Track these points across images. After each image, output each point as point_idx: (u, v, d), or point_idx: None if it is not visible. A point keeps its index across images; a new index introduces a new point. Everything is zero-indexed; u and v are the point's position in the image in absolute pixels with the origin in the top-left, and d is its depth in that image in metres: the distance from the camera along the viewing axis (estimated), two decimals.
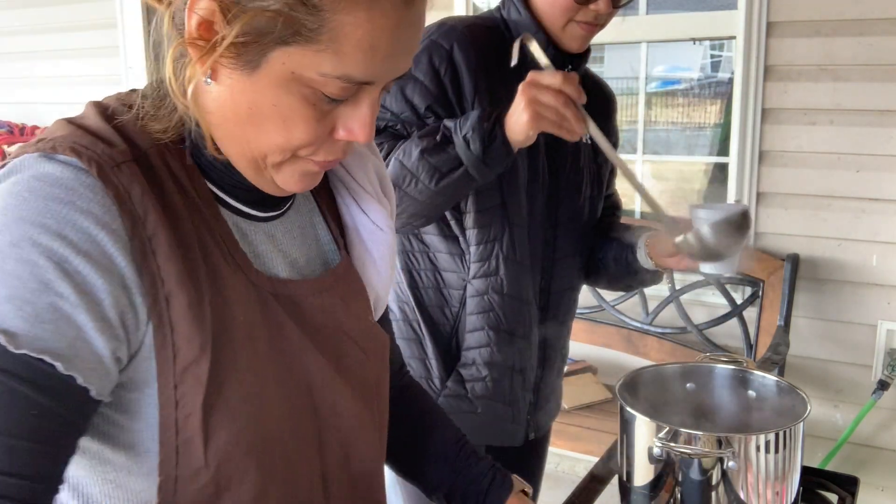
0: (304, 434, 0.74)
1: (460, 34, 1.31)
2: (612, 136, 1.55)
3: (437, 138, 1.21)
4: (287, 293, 0.72)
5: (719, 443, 1.01)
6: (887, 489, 2.60)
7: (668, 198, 3.28)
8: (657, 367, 1.22)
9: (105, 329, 0.59)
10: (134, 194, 0.61)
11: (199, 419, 0.63)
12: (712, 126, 3.11)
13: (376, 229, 0.84)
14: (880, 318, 2.53)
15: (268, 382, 0.69)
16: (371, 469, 0.83)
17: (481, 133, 1.18)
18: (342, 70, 0.61)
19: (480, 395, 1.42)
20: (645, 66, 2.88)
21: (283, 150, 0.66)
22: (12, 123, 3.99)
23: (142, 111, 0.67)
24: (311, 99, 0.63)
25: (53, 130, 0.64)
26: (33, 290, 0.56)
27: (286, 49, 0.60)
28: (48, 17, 3.86)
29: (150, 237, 0.61)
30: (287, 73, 0.61)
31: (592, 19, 1.30)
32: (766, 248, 2.65)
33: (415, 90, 1.29)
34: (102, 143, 0.62)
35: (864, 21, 2.38)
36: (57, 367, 0.56)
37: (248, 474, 0.67)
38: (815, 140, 2.52)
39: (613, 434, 1.16)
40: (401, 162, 1.22)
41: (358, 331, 0.80)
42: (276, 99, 0.63)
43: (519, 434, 1.50)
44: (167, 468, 0.64)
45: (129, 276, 0.60)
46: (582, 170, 1.46)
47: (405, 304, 1.43)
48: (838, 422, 2.63)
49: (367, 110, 0.66)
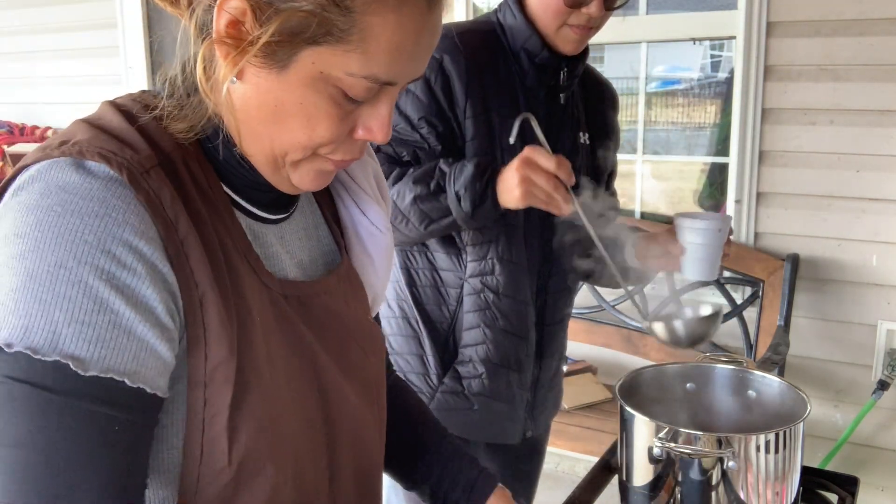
0: (314, 431, 0.75)
1: (451, 43, 1.33)
2: (612, 134, 1.55)
3: (431, 187, 1.26)
4: (296, 294, 0.73)
5: (719, 443, 1.01)
6: (887, 489, 2.60)
7: (667, 198, 3.28)
8: (657, 367, 1.22)
9: (164, 334, 0.60)
10: (164, 200, 0.61)
11: (225, 418, 0.64)
12: (712, 126, 3.11)
13: (375, 230, 0.85)
14: (880, 318, 2.53)
15: (282, 382, 0.70)
16: (371, 464, 0.84)
17: (473, 193, 1.24)
18: (369, 70, 0.63)
19: (477, 393, 1.43)
20: (645, 66, 2.88)
21: (304, 148, 0.67)
22: (12, 123, 3.99)
23: (165, 111, 0.67)
24: (336, 98, 0.64)
25: (74, 132, 0.64)
26: (90, 311, 0.56)
27: (316, 49, 0.61)
28: (48, 17, 3.86)
29: (182, 241, 0.62)
30: (316, 72, 0.62)
31: (585, 22, 1.30)
32: (766, 248, 2.65)
33: (408, 102, 1.32)
34: (129, 148, 0.62)
35: (864, 21, 2.38)
36: (126, 382, 0.58)
37: (264, 473, 0.68)
38: (815, 140, 2.52)
39: (613, 434, 1.16)
40: (394, 202, 1.26)
41: (359, 330, 0.81)
42: (303, 97, 0.64)
43: (516, 432, 1.51)
44: (190, 467, 0.64)
45: (170, 281, 0.61)
46: (579, 171, 1.46)
47: (403, 301, 1.44)
48: (838, 422, 2.63)
49: (385, 111, 0.68)
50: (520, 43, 1.35)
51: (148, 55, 3.64)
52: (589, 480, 1.27)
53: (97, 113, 0.68)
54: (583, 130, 1.48)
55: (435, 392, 1.43)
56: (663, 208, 3.13)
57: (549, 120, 1.41)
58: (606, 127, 1.54)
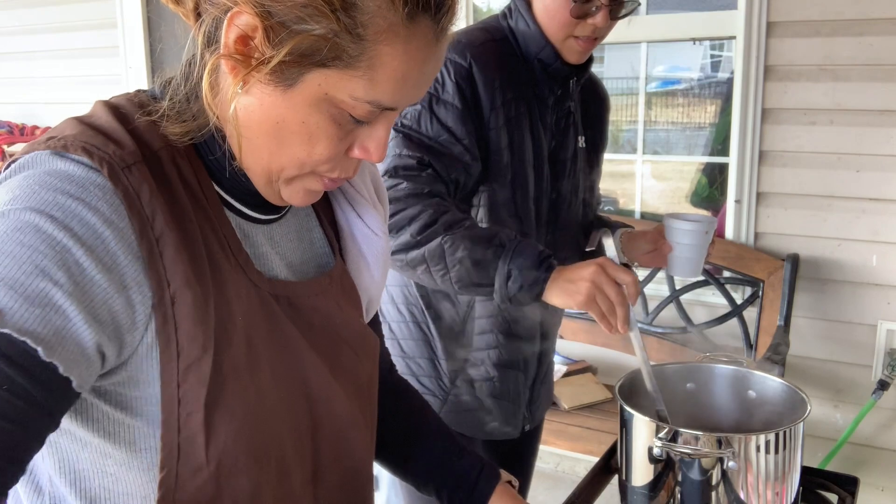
0: (299, 432, 0.75)
1: (477, 52, 1.31)
2: (603, 139, 1.58)
3: (487, 255, 1.20)
4: (285, 294, 0.74)
5: (719, 443, 1.01)
6: (887, 489, 2.60)
7: (667, 198, 3.28)
8: (657, 367, 1.22)
9: (93, 323, 0.59)
10: (143, 195, 0.62)
11: (200, 417, 0.64)
12: (712, 126, 3.11)
13: (371, 234, 0.85)
14: (880, 318, 2.53)
15: (266, 382, 0.70)
16: (359, 467, 0.84)
17: (525, 279, 1.18)
18: (373, 96, 0.64)
19: (488, 394, 1.46)
20: (645, 66, 2.88)
21: (302, 165, 0.68)
22: (12, 123, 3.99)
23: (165, 112, 0.67)
24: (337, 119, 0.66)
25: (63, 129, 0.65)
26: (28, 274, 0.56)
27: (324, 71, 0.63)
28: (48, 17, 3.85)
29: (158, 238, 0.62)
30: (321, 93, 0.64)
31: (590, 34, 1.31)
32: (766, 248, 2.65)
33: (448, 112, 1.29)
34: (113, 143, 0.63)
35: (864, 21, 2.38)
36: (38, 352, 0.56)
37: (246, 471, 0.68)
38: (815, 140, 2.52)
39: (613, 434, 1.16)
40: (443, 248, 1.21)
41: (351, 333, 0.81)
42: (305, 117, 0.65)
43: (518, 427, 1.54)
44: (168, 465, 0.64)
45: (130, 276, 0.60)
46: (578, 175, 1.49)
47: (413, 306, 1.44)
48: (838, 422, 2.63)
49: (383, 132, 0.69)
50: (534, 52, 1.35)
51: (148, 55, 3.64)
52: (589, 480, 1.27)
53: (90, 111, 0.69)
54: (581, 134, 1.49)
55: (447, 395, 1.45)
56: (663, 208, 3.13)
57: (557, 127, 1.42)
58: (602, 129, 1.57)
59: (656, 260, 1.47)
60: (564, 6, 1.28)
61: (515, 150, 1.35)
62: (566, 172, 1.45)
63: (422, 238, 1.22)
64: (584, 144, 1.50)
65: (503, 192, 1.36)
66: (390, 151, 1.27)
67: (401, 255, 1.24)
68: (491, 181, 1.35)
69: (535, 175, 1.38)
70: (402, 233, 1.23)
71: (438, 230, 1.22)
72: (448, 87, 1.29)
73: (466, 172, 1.31)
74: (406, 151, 1.27)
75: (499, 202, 1.35)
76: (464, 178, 1.31)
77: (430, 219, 1.22)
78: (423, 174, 1.26)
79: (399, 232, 1.23)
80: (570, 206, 1.48)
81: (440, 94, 1.29)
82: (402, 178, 1.25)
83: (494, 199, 1.36)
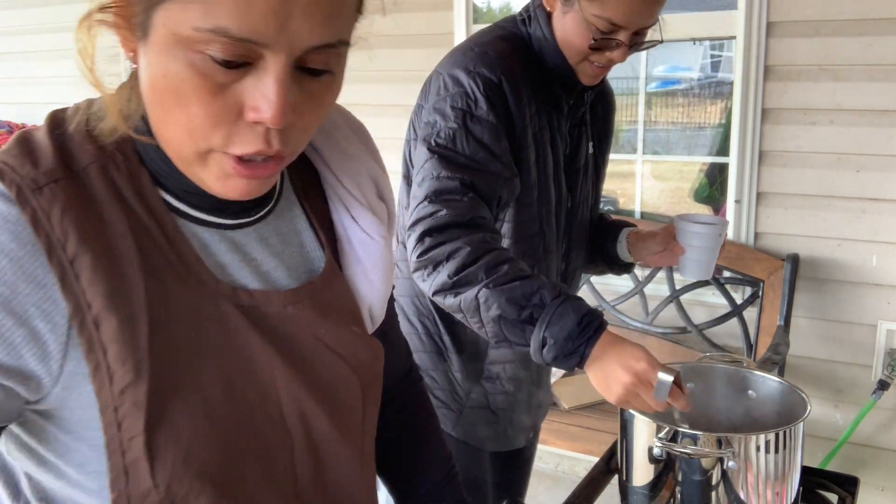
0: (269, 450, 0.70)
1: (506, 67, 1.27)
2: (609, 138, 1.57)
3: (522, 315, 1.13)
4: (253, 304, 0.68)
5: (719, 443, 1.01)
6: (887, 489, 2.60)
7: (667, 198, 3.28)
8: None
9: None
10: (53, 217, 0.58)
11: (142, 441, 0.61)
12: (712, 126, 3.11)
13: (367, 238, 0.79)
14: (880, 318, 2.53)
15: (220, 400, 0.65)
16: (348, 483, 0.78)
17: (560, 349, 1.11)
18: (214, 21, 0.53)
19: (502, 407, 1.45)
20: (645, 66, 2.88)
21: (190, 135, 0.59)
22: (12, 123, 3.99)
23: (97, 111, 0.64)
24: (199, 66, 0.56)
25: (5, 144, 0.62)
26: None
27: (164, 6, 0.55)
28: (48, 17, 3.86)
29: (73, 260, 0.58)
30: (169, 35, 0.55)
31: (606, 63, 1.29)
32: (766, 248, 2.65)
33: (483, 129, 1.24)
34: (31, 162, 0.59)
35: (864, 21, 2.38)
36: None
37: (202, 495, 0.64)
38: (815, 140, 2.52)
39: (613, 434, 1.16)
40: (479, 302, 1.15)
41: (339, 342, 0.75)
42: (165, 68, 0.57)
43: (526, 436, 1.55)
44: (117, 487, 0.62)
45: (32, 304, 0.57)
46: (589, 181, 1.49)
47: (426, 317, 1.42)
48: (838, 422, 2.63)
49: (272, 84, 0.56)
50: (550, 64, 1.32)
51: None
52: (589, 480, 1.27)
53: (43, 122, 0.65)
54: (591, 140, 1.49)
55: (462, 408, 1.44)
56: (663, 208, 3.13)
57: (571, 136, 1.42)
58: (608, 131, 1.56)
59: (664, 260, 1.45)
60: (584, 37, 1.25)
61: (541, 166, 1.33)
62: (580, 181, 1.45)
63: (458, 279, 1.15)
64: (592, 149, 1.49)
65: (529, 208, 1.33)
66: (427, 175, 1.22)
67: (439, 298, 1.19)
68: (519, 198, 1.31)
69: (555, 188, 1.37)
70: (440, 270, 1.16)
71: (478, 274, 1.14)
72: (481, 102, 1.24)
73: (508, 189, 1.26)
74: (445, 173, 1.20)
75: (525, 219, 1.33)
76: (506, 195, 1.26)
77: (468, 258, 1.15)
78: (464, 199, 1.19)
79: (436, 268, 1.17)
80: (582, 213, 1.48)
81: (473, 110, 1.24)
82: (442, 203, 1.18)
83: (521, 216, 1.33)
